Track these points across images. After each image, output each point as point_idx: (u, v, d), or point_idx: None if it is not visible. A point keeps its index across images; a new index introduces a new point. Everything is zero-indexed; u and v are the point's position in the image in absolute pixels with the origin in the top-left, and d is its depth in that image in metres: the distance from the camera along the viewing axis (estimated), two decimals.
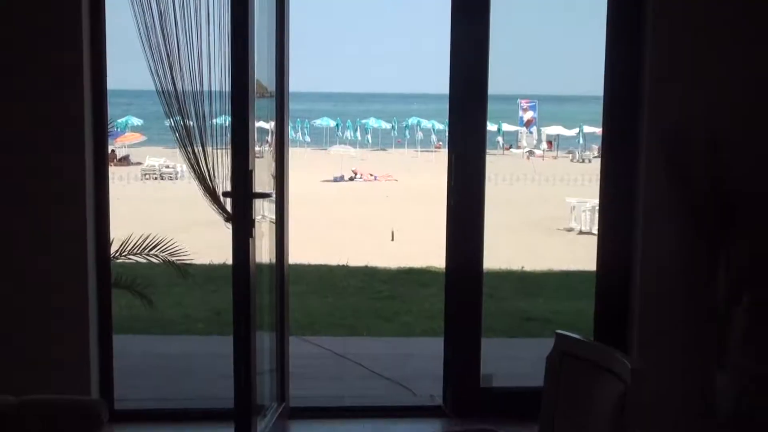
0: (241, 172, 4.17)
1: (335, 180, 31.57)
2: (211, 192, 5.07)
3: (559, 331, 3.33)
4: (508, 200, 23.68)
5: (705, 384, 4.69)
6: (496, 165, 32.46)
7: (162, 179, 30.25)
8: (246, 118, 4.20)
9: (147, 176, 30.76)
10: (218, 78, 4.93)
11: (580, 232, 18.90)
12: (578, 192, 23.80)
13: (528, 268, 13.31)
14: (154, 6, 4.90)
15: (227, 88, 4.71)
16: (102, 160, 4.77)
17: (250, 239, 4.22)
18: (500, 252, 15.09)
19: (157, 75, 5.05)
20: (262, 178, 4.66)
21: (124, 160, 36.21)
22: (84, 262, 4.62)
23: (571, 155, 42.24)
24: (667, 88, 4.74)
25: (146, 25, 4.92)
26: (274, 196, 4.94)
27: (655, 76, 4.73)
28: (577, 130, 44.67)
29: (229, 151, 4.44)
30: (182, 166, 27.79)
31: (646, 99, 4.77)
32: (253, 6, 4.22)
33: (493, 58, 4.93)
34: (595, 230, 17.42)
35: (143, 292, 5.80)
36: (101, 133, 4.75)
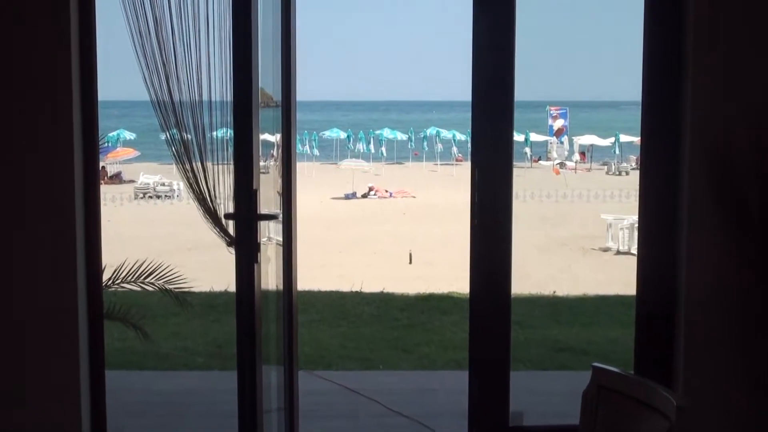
0: (245, 192, 4.19)
1: (347, 197, 31.62)
2: (211, 214, 5.06)
3: (595, 364, 3.32)
4: (537, 217, 23.64)
5: (758, 424, 4.65)
6: (524, 179, 32.43)
7: (157, 198, 30.37)
8: (250, 132, 4.22)
9: (141, 195, 30.88)
10: (218, 87, 4.94)
11: (618, 252, 18.83)
12: (615, 208, 23.73)
13: (560, 292, 13.26)
14: (149, 12, 4.92)
15: (228, 97, 4.72)
16: (93, 178, 4.78)
17: (255, 265, 4.22)
18: (529, 275, 15.13)
19: (152, 85, 5.06)
20: (268, 196, 4.67)
21: (116, 178, 36.38)
22: (73, 291, 4.63)
23: (606, 167, 42.16)
24: (710, 92, 4.72)
25: (140, 32, 4.94)
26: (280, 216, 4.95)
27: (698, 79, 4.73)
28: (612, 139, 44.62)
29: (231, 167, 4.45)
30: (179, 184, 27.92)
31: (688, 104, 4.76)
32: (256, 9, 4.26)
33: (519, 61, 4.93)
34: (634, 250, 17.44)
35: (138, 323, 5.82)
36: (92, 148, 4.76)
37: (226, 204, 5.05)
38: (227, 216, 4.88)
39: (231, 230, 4.80)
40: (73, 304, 4.65)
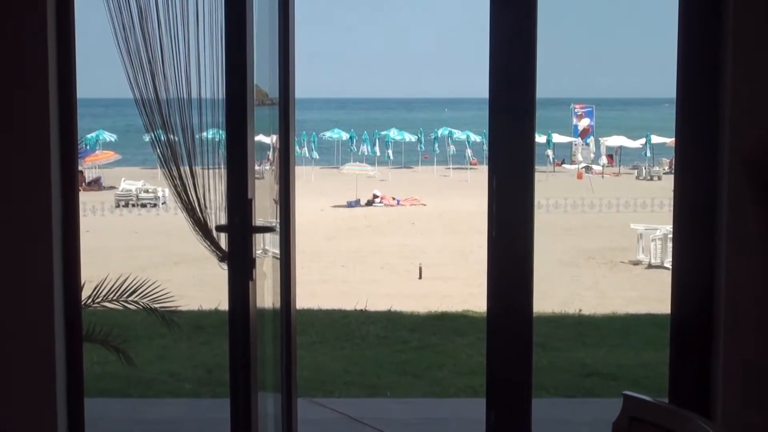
0: (239, 202, 4.20)
1: (350, 205, 31.64)
2: (201, 225, 5.06)
3: (626, 392, 3.32)
4: (561, 227, 23.63)
5: None
6: (546, 184, 32.44)
7: (141, 207, 30.39)
8: (244, 133, 4.23)
9: (122, 203, 30.92)
10: (209, 84, 4.95)
11: (650, 266, 18.83)
12: (646, 217, 23.73)
13: (587, 310, 13.25)
14: (132, 2, 4.95)
15: (220, 94, 4.73)
16: (71, 184, 4.77)
17: (250, 282, 4.23)
18: (553, 292, 15.12)
19: (136, 83, 5.08)
20: (263, 205, 4.68)
21: (95, 184, 36.49)
22: (49, 310, 4.64)
23: (636, 171, 42.14)
24: (750, 90, 4.72)
25: (123, 25, 4.96)
26: (278, 228, 4.96)
27: (737, 76, 4.73)
28: (643, 140, 44.63)
29: (223, 172, 4.45)
30: (165, 190, 27.95)
31: (727, 103, 4.76)
32: None
33: (541, 53, 4.93)
34: (668, 263, 17.43)
35: (120, 346, 5.83)
36: (70, 151, 4.75)
37: (217, 214, 5.05)
38: (219, 228, 4.88)
39: (223, 243, 4.80)
40: (49, 325, 4.65)
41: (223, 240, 4.75)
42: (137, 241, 22.79)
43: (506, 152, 5.02)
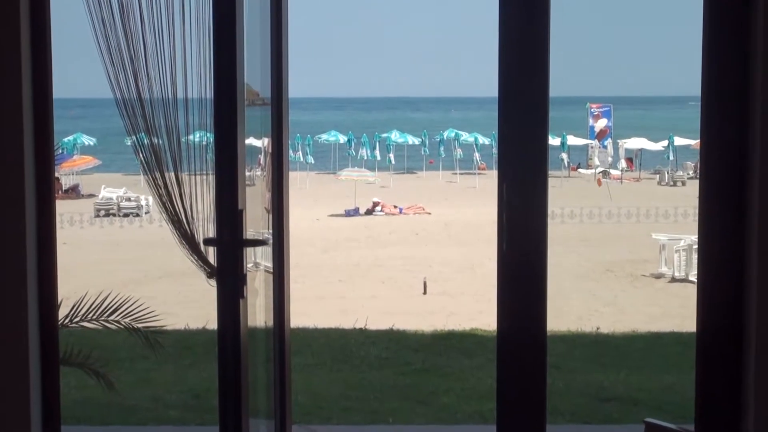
0: (228, 213, 4.20)
1: (348, 214, 31.66)
2: (188, 238, 5.06)
3: (648, 419, 3.31)
4: (577, 237, 23.63)
5: None
6: (560, 191, 32.44)
7: (123, 217, 30.38)
8: (234, 136, 4.23)
9: (103, 213, 30.91)
10: (196, 83, 4.95)
11: (673, 279, 18.82)
12: (669, 226, 23.72)
13: (605, 328, 13.23)
14: None
15: (208, 94, 4.74)
16: (47, 193, 4.74)
17: (241, 300, 4.23)
18: (569, 308, 15.09)
19: (117, 82, 5.09)
20: (254, 214, 4.68)
21: (72, 192, 36.51)
22: (23, 331, 4.62)
23: (658, 176, 42.16)
24: None
25: (103, 21, 4.97)
26: (270, 239, 4.96)
27: None
28: (665, 142, 44.64)
29: (210, 180, 4.45)
30: (148, 199, 27.96)
31: (758, 101, 4.75)
32: None
33: (554, 48, 4.93)
34: (693, 276, 17.40)
35: (100, 369, 5.82)
36: (45, 156, 4.73)
37: (205, 226, 5.05)
38: (207, 242, 4.87)
39: (211, 258, 4.79)
40: (22, 347, 4.64)
41: (211, 254, 4.75)
42: (119, 254, 22.80)
43: (517, 156, 5.01)
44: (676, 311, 15.39)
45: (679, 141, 43.82)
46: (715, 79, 4.92)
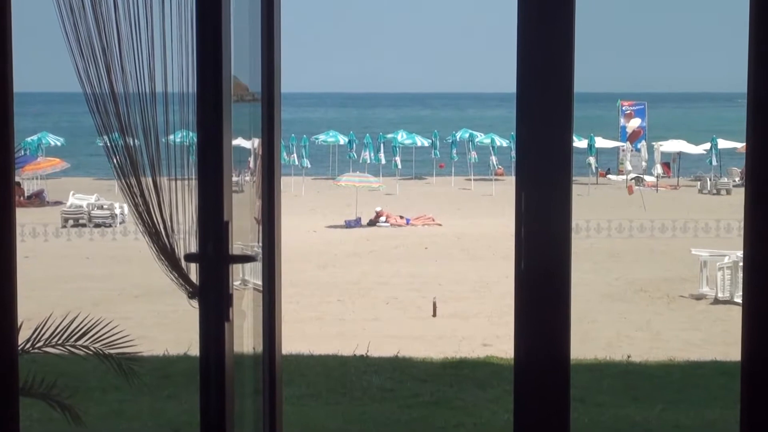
0: (212, 225, 4.20)
1: (348, 225, 31.66)
2: (167, 253, 5.06)
3: None
4: (605, 252, 23.62)
5: None
6: (588, 200, 32.46)
7: (94, 227, 30.36)
8: (219, 138, 4.24)
9: (71, 222, 30.90)
10: (177, 76, 4.95)
11: (716, 301, 18.79)
12: (711, 241, 23.70)
13: (637, 356, 13.22)
14: None
15: (191, 88, 4.73)
16: (5, 199, 4.75)
17: (226, 323, 4.23)
18: (596, 333, 15.06)
19: (87, 76, 5.10)
20: (242, 225, 4.68)
21: (36, 198, 36.52)
22: None
23: (699, 183, 42.13)
24: None
25: (71, 8, 4.98)
26: (260, 254, 4.96)
27: None
28: (707, 145, 44.65)
29: (193, 186, 4.45)
30: (123, 206, 27.96)
31: None
32: None
33: (580, 38, 4.92)
34: (738, 298, 17.34)
35: (66, 401, 5.82)
36: (4, 158, 4.73)
37: (186, 239, 5.04)
38: (189, 257, 4.87)
39: (193, 276, 4.79)
40: None
41: (193, 271, 4.74)
42: (89, 270, 22.80)
43: (537, 161, 5.01)
44: (719, 337, 15.37)
45: (723, 144, 43.80)
46: (764, 74, 4.92)
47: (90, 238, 29.08)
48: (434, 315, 17.97)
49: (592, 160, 42.72)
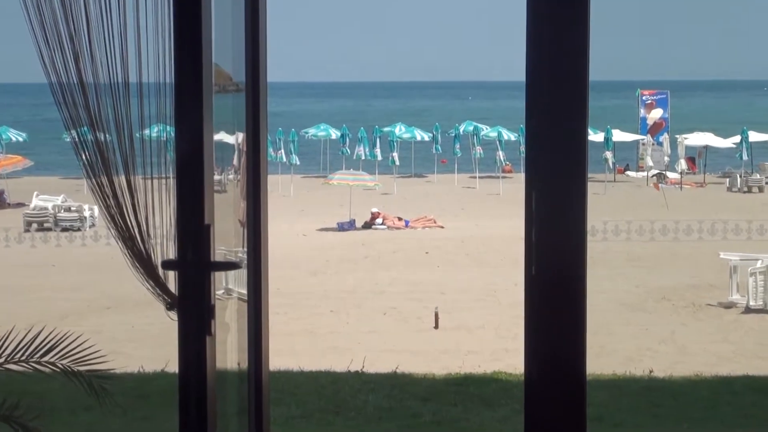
0: (192, 228, 4.20)
1: (341, 228, 31.66)
2: (143, 260, 5.06)
3: None
4: (624, 257, 23.62)
5: None
6: (604, 199, 32.46)
7: (62, 231, 30.32)
8: (199, 132, 4.26)
9: (36, 226, 30.84)
10: (152, 64, 4.94)
11: (747, 310, 18.79)
12: (742, 244, 23.72)
13: (660, 371, 13.24)
14: None
15: (168, 77, 4.74)
16: None
17: (208, 337, 4.24)
18: (614, 346, 15.04)
19: (53, 65, 5.11)
20: (225, 229, 4.69)
21: None
22: None
23: (728, 180, 42.10)
24: None
25: None
26: (245, 260, 4.97)
27: None
28: (737, 138, 44.66)
29: (171, 186, 4.47)
30: (93, 208, 27.96)
31: None
32: None
33: (595, 20, 4.94)
34: None
35: (30, 423, 5.82)
36: None
37: (164, 244, 5.05)
38: (166, 264, 4.88)
39: (172, 285, 4.80)
40: None
41: (172, 280, 4.75)
42: (55, 279, 22.80)
43: (550, 156, 5.02)
44: (751, 350, 15.39)
45: (755, 136, 43.84)
46: None
47: (57, 243, 29.03)
48: (436, 327, 17.98)
49: (608, 155, 42.71)
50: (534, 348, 5.10)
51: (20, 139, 46.11)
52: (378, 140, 46.17)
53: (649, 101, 50.09)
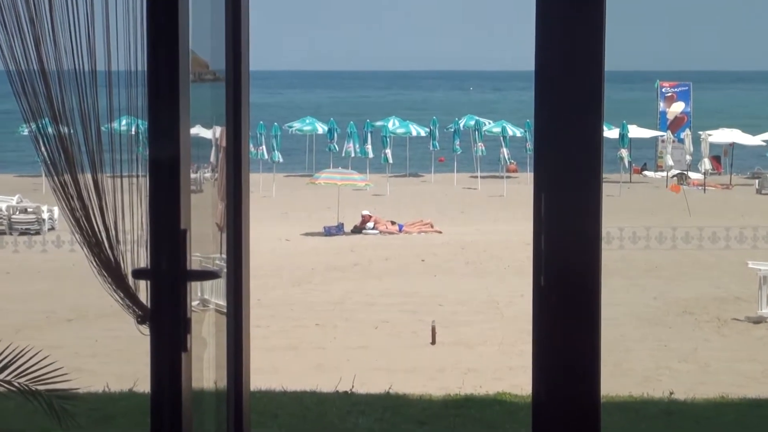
0: (166, 233, 4.21)
1: (328, 232, 31.68)
2: (111, 268, 5.06)
3: None
4: (641, 266, 23.64)
5: None
6: (620, 201, 32.48)
7: (18, 235, 30.31)
8: (174, 125, 4.27)
9: None
10: (123, 52, 4.94)
11: None
12: None
13: (681, 393, 13.24)
14: None
15: (139, 65, 4.74)
16: None
17: (183, 353, 4.25)
18: (631, 364, 15.05)
19: (11, 52, 5.11)
20: (202, 233, 4.70)
21: None
22: None
23: (757, 181, 42.17)
24: None
25: None
26: (224, 268, 4.98)
27: None
28: (766, 135, 44.72)
29: (143, 185, 4.47)
30: (54, 210, 27.96)
31: None
32: None
33: (612, 6, 4.95)
34: None
35: None
36: None
37: (135, 251, 5.05)
38: (137, 274, 4.88)
39: (143, 296, 4.80)
40: None
41: (143, 290, 4.75)
42: (11, 288, 22.76)
43: (560, 154, 5.04)
44: None
45: None
46: None
47: (14, 249, 29.01)
48: (433, 342, 17.99)
49: (624, 152, 42.74)
50: (542, 366, 5.11)
51: None
52: (369, 136, 46.22)
53: (670, 94, 50.18)
